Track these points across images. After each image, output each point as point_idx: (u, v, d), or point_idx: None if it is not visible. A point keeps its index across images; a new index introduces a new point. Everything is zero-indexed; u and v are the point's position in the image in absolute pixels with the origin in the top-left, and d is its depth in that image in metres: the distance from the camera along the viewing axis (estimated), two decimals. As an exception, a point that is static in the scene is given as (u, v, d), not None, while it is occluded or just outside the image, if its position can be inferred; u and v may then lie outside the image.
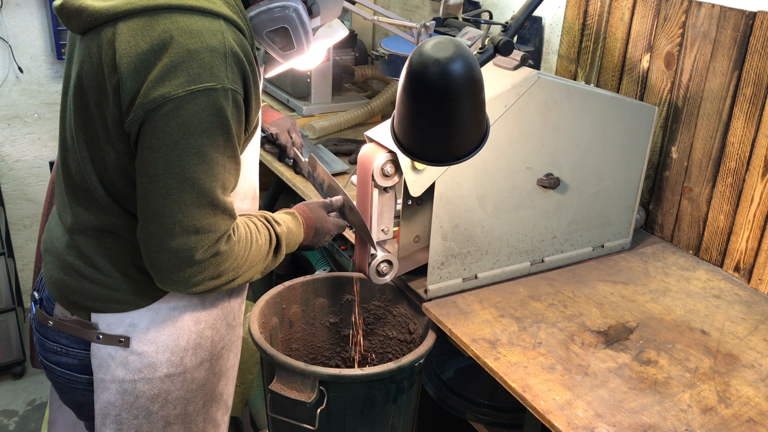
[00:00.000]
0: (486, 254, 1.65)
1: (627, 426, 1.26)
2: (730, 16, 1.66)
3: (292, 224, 1.44)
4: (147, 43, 1.12)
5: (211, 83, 1.12)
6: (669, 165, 1.88)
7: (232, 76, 1.14)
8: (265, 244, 1.33)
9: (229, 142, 1.17)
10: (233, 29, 1.17)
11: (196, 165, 1.14)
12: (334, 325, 1.85)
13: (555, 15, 2.15)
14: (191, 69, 1.11)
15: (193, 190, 1.15)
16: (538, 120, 1.58)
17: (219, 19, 1.15)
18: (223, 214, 1.20)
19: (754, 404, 1.33)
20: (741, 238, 1.73)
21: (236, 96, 1.15)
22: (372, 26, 3.03)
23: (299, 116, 2.56)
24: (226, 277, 1.25)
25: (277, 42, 1.29)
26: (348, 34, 1.81)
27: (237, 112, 1.17)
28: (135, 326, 1.32)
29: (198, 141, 1.13)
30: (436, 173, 1.49)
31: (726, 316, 1.61)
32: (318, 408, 1.49)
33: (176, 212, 1.15)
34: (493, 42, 1.39)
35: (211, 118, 1.13)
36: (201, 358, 1.38)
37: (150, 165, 1.14)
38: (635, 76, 1.92)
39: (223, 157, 1.17)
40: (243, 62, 1.16)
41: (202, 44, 1.12)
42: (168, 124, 1.12)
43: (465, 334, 1.49)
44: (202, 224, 1.17)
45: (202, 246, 1.18)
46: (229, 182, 1.21)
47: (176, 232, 1.16)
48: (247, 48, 1.18)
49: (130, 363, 1.32)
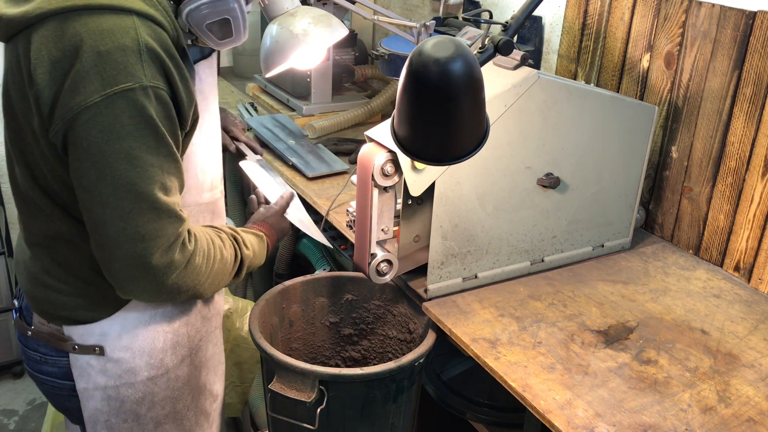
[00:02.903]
0: (486, 254, 1.65)
1: (627, 426, 1.26)
2: (730, 16, 1.66)
3: (258, 247, 1.43)
4: (59, 50, 1.08)
5: (127, 84, 1.07)
6: (669, 165, 1.88)
7: (151, 72, 1.09)
8: (231, 261, 1.31)
9: (161, 141, 1.12)
10: (148, 24, 1.11)
11: (128, 170, 1.09)
12: (334, 324, 1.85)
13: (555, 15, 2.15)
14: (105, 72, 1.06)
15: (130, 196, 1.10)
16: (538, 120, 1.58)
17: (131, 15, 1.10)
18: (169, 218, 1.15)
19: (754, 404, 1.33)
20: (741, 237, 1.73)
21: (159, 92, 1.10)
22: (372, 26, 3.03)
23: (299, 116, 2.56)
24: (186, 287, 1.21)
25: (215, 32, 1.25)
26: (348, 33, 1.81)
27: (164, 109, 1.12)
28: (106, 335, 1.30)
29: (125, 145, 1.08)
30: (436, 173, 1.49)
31: (726, 315, 1.61)
32: (318, 407, 1.49)
33: (117, 220, 1.11)
34: (493, 41, 1.39)
35: (133, 120, 1.08)
36: (181, 356, 1.38)
37: (82, 175, 1.11)
38: (635, 76, 1.91)
39: (156, 157, 1.12)
40: (162, 57, 1.11)
41: (114, 44, 1.07)
42: (90, 133, 1.07)
43: (465, 333, 1.49)
44: (147, 230, 1.12)
45: (152, 252, 1.13)
46: (170, 183, 1.15)
47: (122, 240, 1.12)
48: (166, 42, 1.13)
49: (109, 370, 1.31)
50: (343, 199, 1.97)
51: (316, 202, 2.00)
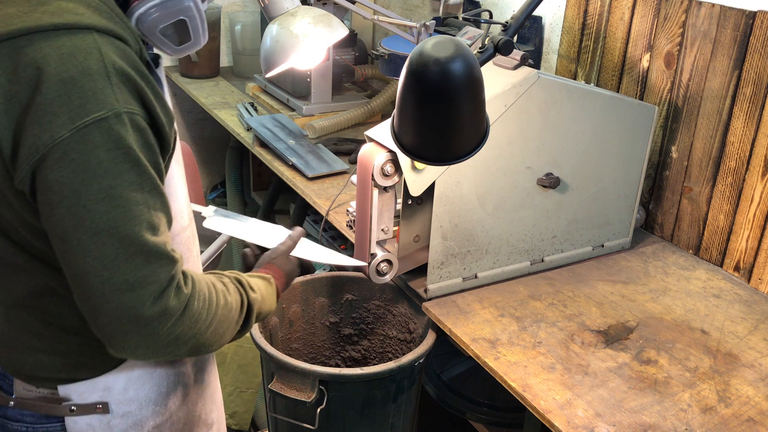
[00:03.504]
0: (486, 254, 1.65)
1: (627, 425, 1.26)
2: (730, 16, 1.66)
3: (266, 291, 1.25)
4: (13, 82, 0.93)
5: (99, 113, 0.94)
6: (669, 164, 1.88)
7: (123, 96, 0.96)
8: (236, 308, 1.14)
9: (143, 174, 0.98)
10: (111, 40, 0.98)
11: (109, 212, 0.95)
12: (334, 324, 1.85)
13: (555, 14, 2.15)
14: (71, 102, 0.93)
15: (114, 242, 0.96)
16: (538, 119, 1.58)
17: (90, 32, 0.96)
18: (160, 260, 0.99)
19: (754, 404, 1.33)
20: (741, 237, 1.73)
21: (134, 118, 0.97)
22: (372, 26, 3.03)
23: (299, 116, 2.56)
24: (186, 337, 1.04)
25: (170, 37, 1.10)
26: (348, 33, 1.81)
27: (142, 136, 0.98)
28: (110, 389, 1.15)
29: (103, 184, 0.94)
30: (436, 173, 1.49)
31: (726, 315, 1.61)
32: (318, 407, 1.49)
33: (101, 270, 0.96)
34: (493, 41, 1.39)
35: (111, 154, 0.94)
36: (182, 395, 1.26)
37: (56, 224, 0.96)
38: (635, 76, 1.92)
39: (140, 193, 0.97)
40: (132, 77, 0.98)
41: (77, 69, 0.93)
42: (62, 174, 0.93)
43: (465, 333, 1.49)
44: (137, 277, 0.97)
45: (143, 302, 0.98)
46: (158, 220, 1.00)
47: (108, 292, 0.96)
48: (133, 59, 1.00)
49: (114, 428, 1.18)
50: (343, 199, 1.97)
51: (316, 202, 2.00)
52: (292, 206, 2.70)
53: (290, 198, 2.80)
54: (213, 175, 3.50)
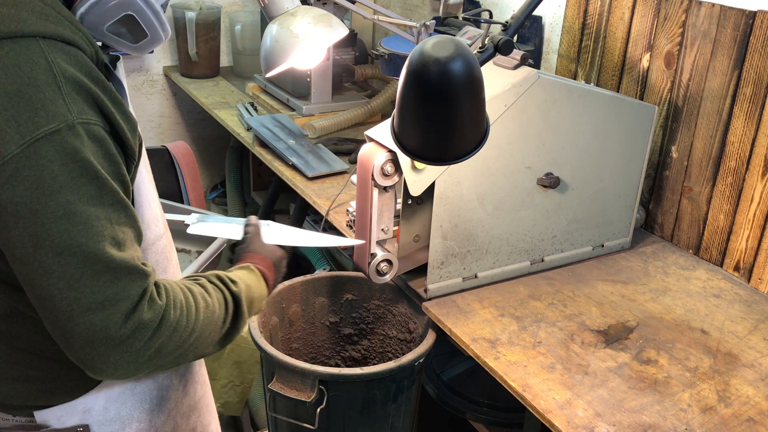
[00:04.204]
0: (486, 253, 1.65)
1: (627, 425, 1.26)
2: (730, 16, 1.66)
3: (250, 279, 1.19)
4: None
5: (50, 125, 0.88)
6: (669, 164, 1.88)
7: (77, 106, 0.90)
8: (220, 307, 1.08)
9: (103, 187, 0.92)
10: (59, 46, 0.92)
11: (69, 230, 0.89)
12: (334, 324, 1.85)
13: (555, 14, 2.15)
14: (19, 116, 0.87)
15: (77, 261, 0.90)
16: (538, 119, 1.58)
17: (34, 39, 0.90)
18: (130, 275, 0.94)
19: (754, 404, 1.33)
20: (741, 237, 1.73)
21: (91, 128, 0.91)
22: (372, 25, 3.03)
23: (299, 116, 2.56)
24: (168, 350, 0.99)
25: (124, 34, 1.03)
26: (348, 33, 1.81)
27: (101, 147, 0.93)
28: (90, 411, 1.11)
29: (60, 200, 0.89)
30: (436, 173, 1.49)
31: (726, 315, 1.61)
32: (318, 407, 1.49)
33: (67, 291, 0.90)
34: (493, 41, 1.39)
35: (65, 168, 0.89)
36: (167, 410, 1.22)
37: (15, 246, 0.90)
38: (635, 76, 1.92)
39: (101, 208, 0.92)
40: (86, 84, 0.92)
41: (23, 80, 0.88)
42: (15, 193, 0.88)
43: (465, 333, 1.49)
44: (106, 295, 0.92)
45: (115, 321, 0.92)
46: (122, 234, 0.95)
47: (76, 314, 0.91)
48: (86, 64, 0.94)
49: None
50: (343, 199, 1.97)
51: (316, 202, 2.00)
52: (292, 206, 2.71)
53: (290, 198, 2.80)
54: (213, 175, 3.51)
